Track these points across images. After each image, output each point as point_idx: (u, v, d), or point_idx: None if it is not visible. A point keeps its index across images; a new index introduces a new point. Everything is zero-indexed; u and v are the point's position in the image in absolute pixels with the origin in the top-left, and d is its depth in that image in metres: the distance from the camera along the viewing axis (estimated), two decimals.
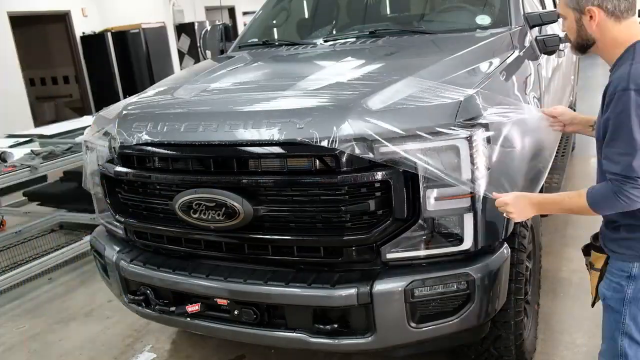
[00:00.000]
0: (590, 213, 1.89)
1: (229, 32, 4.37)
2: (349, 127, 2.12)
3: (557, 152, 4.82)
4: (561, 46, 3.51)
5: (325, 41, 3.52)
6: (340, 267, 2.29)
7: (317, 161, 2.17)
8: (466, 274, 2.17)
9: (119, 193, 2.69)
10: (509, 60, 2.80)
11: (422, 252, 2.22)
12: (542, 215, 3.11)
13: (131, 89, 9.98)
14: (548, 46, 3.22)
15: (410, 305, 2.18)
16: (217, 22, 5.08)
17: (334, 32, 3.85)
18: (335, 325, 2.25)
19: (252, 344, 3.11)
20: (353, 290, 2.17)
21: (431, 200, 2.13)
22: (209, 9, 14.99)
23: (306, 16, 4.28)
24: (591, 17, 1.84)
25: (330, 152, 2.12)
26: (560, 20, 2.06)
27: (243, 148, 2.25)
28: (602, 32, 1.86)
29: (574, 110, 6.51)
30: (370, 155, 2.10)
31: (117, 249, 2.78)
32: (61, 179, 6.00)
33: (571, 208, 1.97)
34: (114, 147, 2.63)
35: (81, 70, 11.26)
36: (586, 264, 2.15)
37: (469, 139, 2.09)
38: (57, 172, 5.45)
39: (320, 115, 2.21)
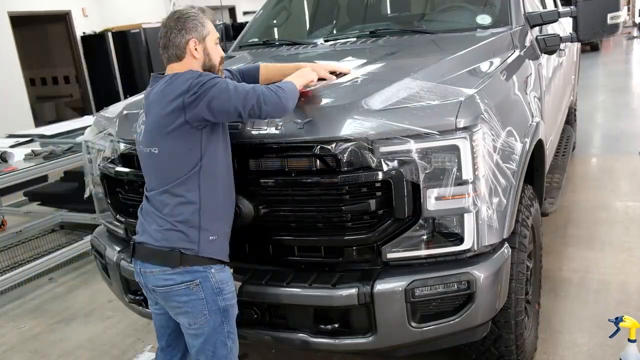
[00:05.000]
0: None
1: (230, 31, 4.37)
2: (350, 127, 2.12)
3: (557, 152, 4.84)
4: (562, 45, 3.51)
5: (326, 41, 3.52)
6: (341, 267, 2.29)
7: (318, 161, 2.17)
8: (467, 274, 2.17)
9: (119, 193, 2.69)
10: (509, 60, 2.80)
11: (423, 252, 2.22)
12: (542, 215, 3.12)
13: (132, 89, 10.01)
14: (548, 46, 3.22)
15: (411, 305, 2.17)
16: (218, 22, 5.08)
17: (335, 32, 3.85)
18: (336, 325, 2.25)
19: (253, 344, 3.11)
20: (354, 290, 2.17)
21: (432, 200, 2.13)
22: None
23: (307, 16, 4.28)
24: None
25: (330, 152, 2.12)
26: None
27: (243, 148, 2.25)
28: None
29: (575, 110, 6.51)
30: (371, 155, 2.10)
31: (118, 249, 2.78)
32: (62, 178, 6.02)
33: None
34: (114, 147, 2.63)
35: (82, 70, 11.27)
36: None
37: (470, 139, 2.09)
38: (57, 172, 5.46)
39: (321, 115, 2.21)
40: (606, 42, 18.23)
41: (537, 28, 3.31)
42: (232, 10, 16.18)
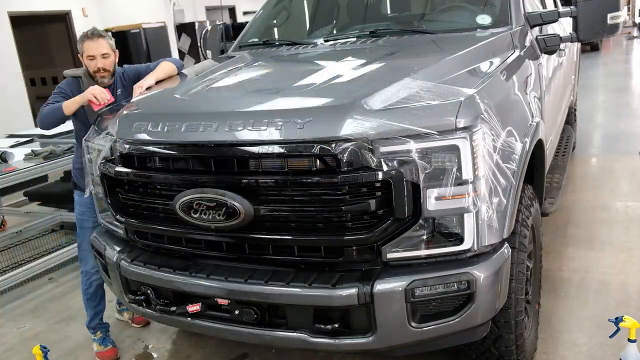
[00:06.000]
0: None
1: (230, 31, 4.37)
2: (350, 127, 2.12)
3: (557, 152, 4.84)
4: (562, 45, 3.51)
5: (326, 41, 3.52)
6: (341, 266, 2.29)
7: (318, 161, 2.17)
8: (467, 274, 2.17)
9: (119, 193, 2.69)
10: (509, 60, 2.80)
11: (423, 252, 2.22)
12: (542, 215, 3.12)
13: None
14: (548, 46, 3.22)
15: (411, 305, 2.17)
16: (218, 22, 5.08)
17: (335, 32, 3.85)
18: (336, 325, 2.25)
19: (253, 344, 3.12)
20: (354, 290, 2.17)
21: (432, 200, 2.13)
22: (209, 9, 15.01)
23: (307, 16, 4.28)
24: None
25: (330, 152, 2.12)
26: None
27: (243, 148, 2.25)
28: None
29: (575, 110, 6.51)
30: (371, 155, 2.10)
31: (118, 249, 2.78)
32: (62, 178, 6.01)
33: None
34: (114, 147, 2.63)
35: None
36: None
37: (470, 139, 2.09)
38: (57, 172, 5.46)
39: (321, 115, 2.21)
40: (606, 42, 18.23)
41: (537, 28, 3.30)
42: (232, 10, 16.19)
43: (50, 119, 3.22)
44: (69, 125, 5.78)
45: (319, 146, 2.13)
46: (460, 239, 2.20)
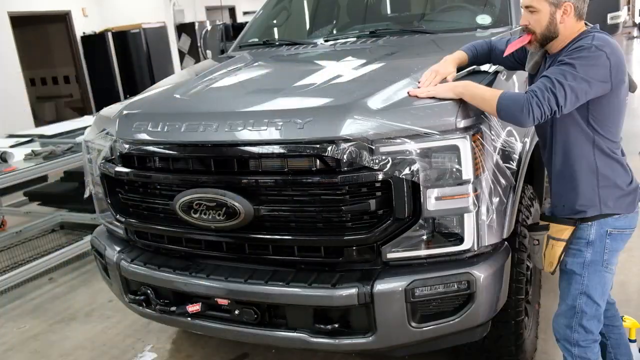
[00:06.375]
0: (493, 111, 2.09)
1: (230, 31, 4.37)
2: (350, 127, 2.12)
3: None
4: None
5: (326, 41, 3.52)
6: (341, 266, 2.29)
7: (318, 161, 2.17)
8: (467, 274, 2.17)
9: (119, 193, 2.69)
10: None
11: (423, 252, 2.22)
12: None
13: (132, 89, 10.01)
14: None
15: (410, 305, 2.18)
16: (218, 22, 5.08)
17: (335, 32, 3.86)
18: (336, 325, 2.25)
19: (253, 344, 3.12)
20: (354, 290, 2.17)
21: (432, 200, 2.13)
22: (209, 9, 15.00)
23: (307, 16, 4.28)
24: (564, 12, 2.09)
25: (330, 152, 2.12)
26: (523, 11, 2.18)
27: (243, 148, 2.25)
28: (565, 28, 2.11)
29: None
30: (371, 154, 2.10)
31: (118, 249, 2.78)
32: (62, 178, 6.02)
33: (483, 97, 2.11)
34: (114, 147, 2.63)
35: (82, 70, 11.27)
36: (534, 240, 2.38)
37: (469, 139, 2.09)
38: (57, 172, 5.46)
39: (321, 115, 2.21)
40: None
41: None
42: (232, 10, 16.17)
43: None
44: (69, 125, 5.81)
45: (319, 146, 2.13)
46: (460, 239, 2.20)
